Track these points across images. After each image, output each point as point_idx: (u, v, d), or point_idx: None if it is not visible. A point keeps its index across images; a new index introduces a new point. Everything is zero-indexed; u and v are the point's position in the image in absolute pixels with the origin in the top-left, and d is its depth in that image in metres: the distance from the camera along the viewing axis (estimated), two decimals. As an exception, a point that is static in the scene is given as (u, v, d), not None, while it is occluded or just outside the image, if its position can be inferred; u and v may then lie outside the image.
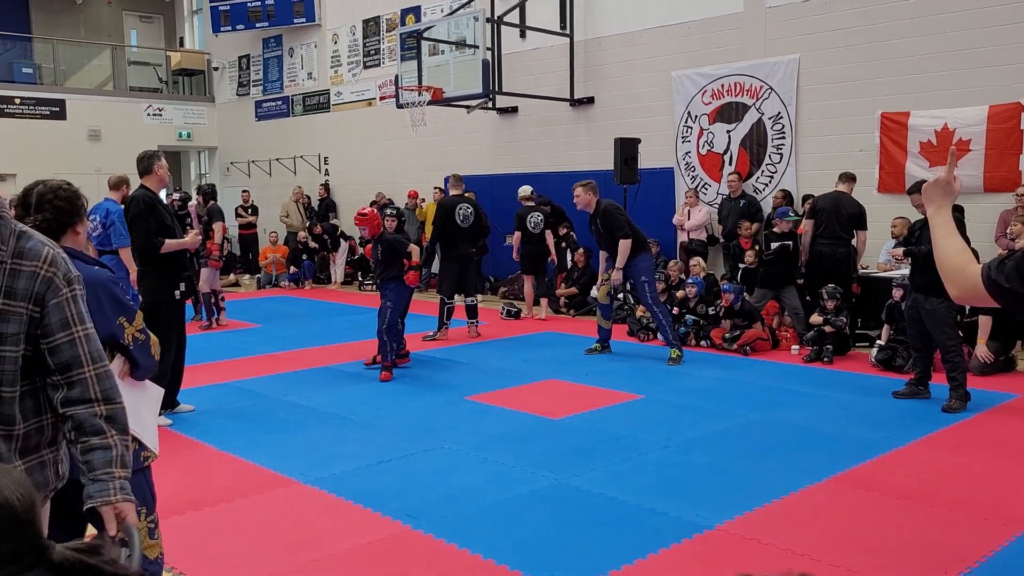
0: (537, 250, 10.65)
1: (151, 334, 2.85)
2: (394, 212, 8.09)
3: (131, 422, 2.79)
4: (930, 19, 9.20)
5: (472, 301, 9.66)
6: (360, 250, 15.41)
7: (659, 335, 8.75)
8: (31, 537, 1.24)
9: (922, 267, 6.30)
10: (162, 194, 6.46)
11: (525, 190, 11.04)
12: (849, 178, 8.99)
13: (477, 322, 9.66)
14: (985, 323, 7.32)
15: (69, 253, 2.71)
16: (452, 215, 9.41)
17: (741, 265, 10.00)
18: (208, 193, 11.29)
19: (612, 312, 8.60)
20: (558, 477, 4.82)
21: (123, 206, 6.91)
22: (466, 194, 10.11)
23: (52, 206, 2.68)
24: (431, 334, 9.31)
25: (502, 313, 11.02)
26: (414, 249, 7.69)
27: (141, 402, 2.86)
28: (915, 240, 6.53)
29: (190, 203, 11.01)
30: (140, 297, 6.02)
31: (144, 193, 6.02)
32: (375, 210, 7.88)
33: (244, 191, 16.76)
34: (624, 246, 7.91)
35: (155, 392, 3.01)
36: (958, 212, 6.38)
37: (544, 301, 10.95)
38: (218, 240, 10.47)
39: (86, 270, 2.69)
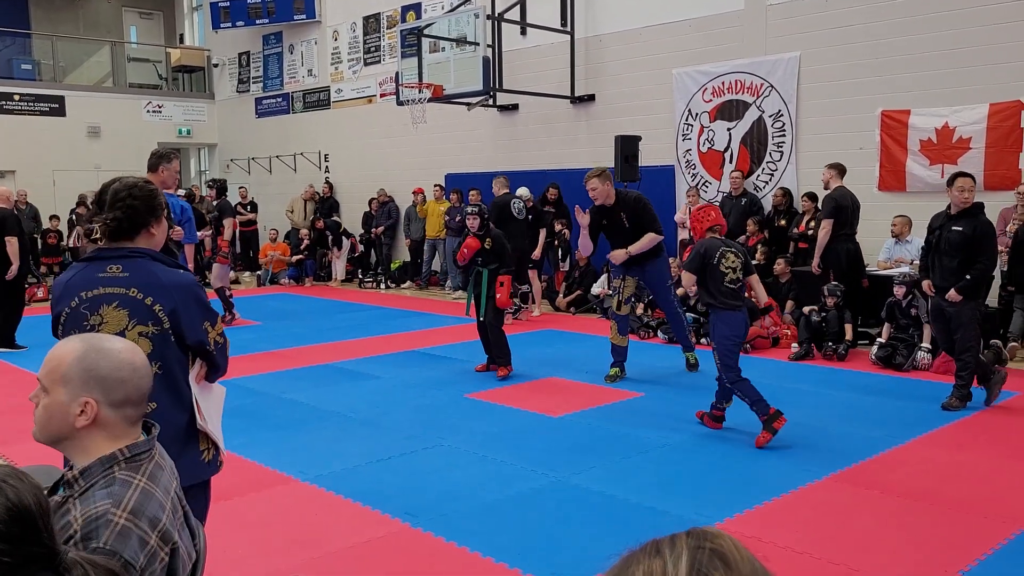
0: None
1: (226, 336, 2.77)
2: (475, 210, 7.33)
3: (211, 426, 2.72)
4: (930, 17, 9.19)
5: (525, 289, 10.68)
6: (360, 247, 15.43)
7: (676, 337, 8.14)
8: (46, 540, 1.25)
9: (947, 273, 6.07)
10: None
11: (521, 190, 11.31)
12: (844, 172, 8.85)
13: (523, 306, 10.70)
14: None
15: (152, 257, 2.58)
16: (507, 208, 10.52)
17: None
18: (219, 188, 11.12)
19: (628, 325, 7.42)
20: (558, 475, 4.82)
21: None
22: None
23: (126, 204, 2.56)
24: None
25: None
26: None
27: (214, 406, 2.79)
28: (936, 239, 6.14)
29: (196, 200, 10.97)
30: None
31: None
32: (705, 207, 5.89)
33: (241, 187, 16.75)
34: (650, 239, 6.96)
35: (220, 392, 2.92)
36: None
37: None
38: (228, 236, 10.35)
39: (173, 275, 2.59)
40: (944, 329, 6.32)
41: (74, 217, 14.36)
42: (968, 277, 5.94)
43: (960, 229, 5.93)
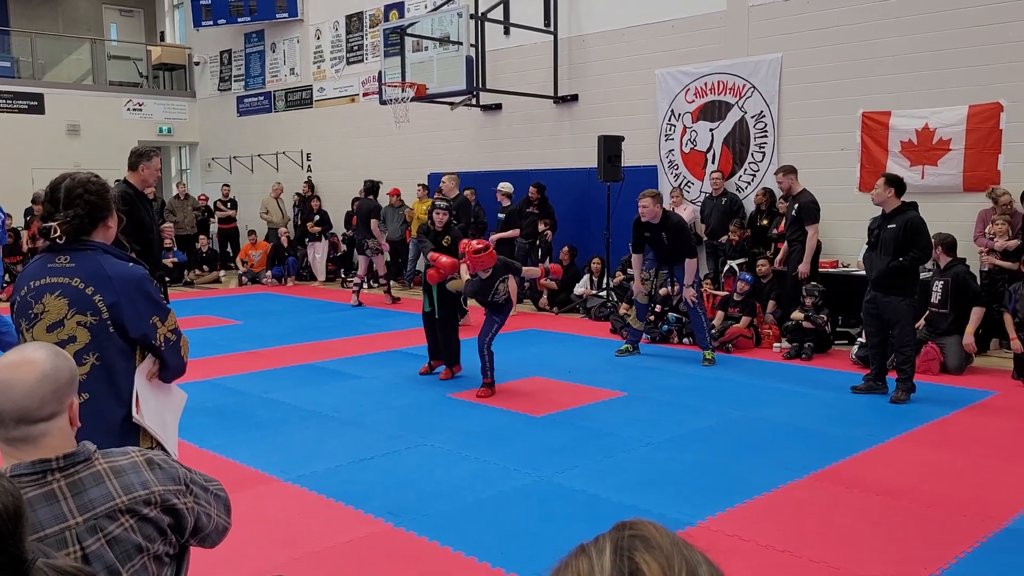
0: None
1: (183, 334, 2.74)
2: (444, 206, 7.60)
3: (155, 426, 2.67)
4: (911, 19, 9.26)
5: None
6: (343, 247, 15.36)
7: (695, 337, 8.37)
8: (12, 548, 1.21)
9: (882, 267, 6.48)
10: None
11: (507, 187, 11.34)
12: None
13: None
14: (978, 313, 7.47)
15: (104, 250, 2.60)
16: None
17: (733, 263, 10.06)
18: (370, 188, 12.35)
19: (646, 311, 8.52)
20: (540, 474, 4.82)
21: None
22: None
23: (83, 200, 2.57)
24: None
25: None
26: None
27: (166, 407, 2.75)
28: (874, 239, 6.61)
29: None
30: None
31: (123, 190, 5.90)
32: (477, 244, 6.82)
33: (225, 185, 16.66)
34: (692, 265, 7.97)
35: (180, 397, 2.87)
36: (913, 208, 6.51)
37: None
38: (376, 234, 11.95)
39: (119, 267, 2.59)
40: (875, 324, 6.63)
41: (27, 217, 13.94)
42: (900, 259, 6.34)
43: (893, 226, 6.42)
